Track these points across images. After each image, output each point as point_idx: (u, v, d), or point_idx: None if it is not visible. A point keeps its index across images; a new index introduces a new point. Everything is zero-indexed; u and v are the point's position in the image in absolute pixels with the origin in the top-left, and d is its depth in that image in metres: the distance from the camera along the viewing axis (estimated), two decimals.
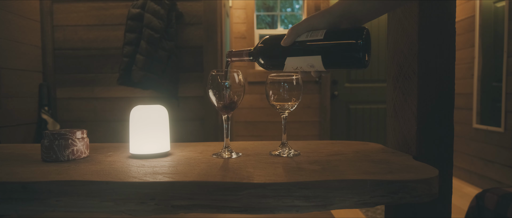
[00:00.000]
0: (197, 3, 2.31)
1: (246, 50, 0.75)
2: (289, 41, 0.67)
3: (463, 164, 3.36)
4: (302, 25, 0.66)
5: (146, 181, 0.60)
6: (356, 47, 0.60)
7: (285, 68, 0.70)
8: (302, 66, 0.67)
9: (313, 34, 0.65)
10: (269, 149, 0.87)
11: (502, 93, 2.79)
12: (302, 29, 0.66)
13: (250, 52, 0.74)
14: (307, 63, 0.66)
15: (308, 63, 0.66)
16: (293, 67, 0.69)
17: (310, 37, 0.65)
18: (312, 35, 0.65)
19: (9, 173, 0.66)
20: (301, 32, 0.66)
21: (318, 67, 0.66)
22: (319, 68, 0.66)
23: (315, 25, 0.65)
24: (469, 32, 3.21)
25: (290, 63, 0.68)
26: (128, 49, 2.14)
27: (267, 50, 0.71)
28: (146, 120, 0.80)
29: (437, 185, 0.61)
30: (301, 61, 0.66)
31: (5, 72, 2.03)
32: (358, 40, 0.60)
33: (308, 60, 0.65)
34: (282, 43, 0.67)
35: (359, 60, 0.61)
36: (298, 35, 0.67)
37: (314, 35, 0.65)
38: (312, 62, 0.65)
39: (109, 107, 2.37)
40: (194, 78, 2.34)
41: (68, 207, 0.59)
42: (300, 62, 0.67)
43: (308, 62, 0.66)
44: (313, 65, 0.65)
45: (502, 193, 1.43)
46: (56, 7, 2.33)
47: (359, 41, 0.60)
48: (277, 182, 0.58)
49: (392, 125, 0.88)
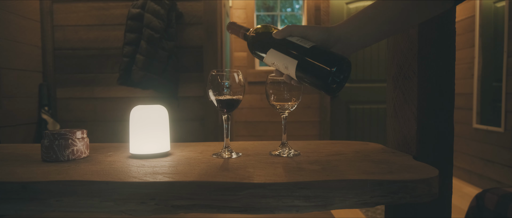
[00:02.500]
0: (197, 3, 2.31)
1: (244, 28, 0.78)
2: (280, 36, 0.69)
3: (463, 164, 3.36)
4: (299, 28, 0.68)
5: (146, 181, 0.60)
6: (327, 73, 0.62)
7: (265, 58, 0.72)
8: (279, 63, 0.69)
9: (303, 41, 0.67)
10: (269, 149, 0.87)
11: (502, 93, 2.79)
12: (297, 32, 0.68)
13: (246, 30, 0.77)
14: (283, 63, 0.68)
15: (284, 63, 0.68)
16: (271, 60, 0.71)
17: (299, 41, 0.67)
18: (302, 41, 0.67)
19: (9, 173, 0.66)
20: (294, 34, 0.68)
21: (290, 72, 0.68)
22: (291, 73, 0.68)
23: (309, 36, 0.67)
24: (469, 32, 3.21)
25: (270, 55, 0.70)
26: (128, 49, 2.14)
27: (259, 35, 0.73)
28: (146, 120, 0.80)
29: (437, 185, 0.61)
30: (280, 58, 0.68)
31: (5, 72, 2.03)
32: (333, 68, 0.61)
33: (286, 60, 0.67)
34: (274, 34, 0.70)
35: (326, 86, 0.63)
36: (290, 35, 0.69)
37: (303, 42, 0.66)
38: (287, 64, 0.67)
39: (109, 107, 2.37)
40: (194, 78, 2.34)
41: (68, 207, 0.59)
42: (278, 58, 0.69)
43: (284, 62, 0.67)
44: (287, 67, 0.67)
45: (502, 193, 1.43)
46: (56, 7, 2.33)
47: (333, 69, 0.61)
48: (277, 182, 0.58)
49: (392, 125, 0.88)
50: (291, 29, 0.68)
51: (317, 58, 0.64)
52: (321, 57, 0.64)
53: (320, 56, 0.64)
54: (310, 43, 0.66)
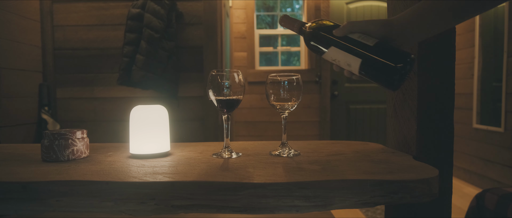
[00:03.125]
0: (197, 3, 2.31)
1: (299, 22, 0.76)
2: (342, 33, 0.68)
3: (463, 164, 3.36)
4: (359, 24, 0.67)
5: (146, 181, 0.60)
6: (395, 70, 0.62)
7: (325, 54, 0.71)
8: (341, 60, 0.69)
9: (365, 38, 0.66)
10: (269, 149, 0.87)
11: (502, 93, 2.79)
12: (357, 28, 0.67)
13: (302, 24, 0.76)
14: (346, 60, 0.67)
15: (347, 61, 0.67)
16: (332, 57, 0.70)
17: (361, 38, 0.66)
18: (364, 38, 0.66)
19: (9, 173, 0.66)
20: (355, 30, 0.67)
21: (353, 69, 0.67)
22: (353, 70, 0.67)
23: (371, 31, 0.66)
24: (469, 32, 3.21)
25: (331, 52, 0.70)
26: (128, 49, 2.14)
27: (319, 31, 0.72)
28: (146, 120, 0.80)
29: (437, 185, 0.61)
30: (342, 55, 0.68)
31: (5, 72, 2.03)
32: (400, 64, 0.61)
33: (348, 58, 0.67)
34: (335, 32, 0.69)
35: (391, 83, 0.63)
36: (351, 32, 0.68)
37: (366, 39, 0.66)
38: (351, 61, 0.67)
39: (109, 107, 2.37)
40: (194, 78, 2.34)
41: (68, 207, 0.59)
42: (340, 56, 0.68)
43: (347, 60, 0.67)
44: (350, 64, 0.67)
45: (502, 193, 1.43)
46: (56, 7, 2.33)
47: (400, 65, 0.61)
48: (277, 182, 0.58)
49: (392, 125, 0.88)
50: (352, 25, 0.67)
51: (382, 56, 0.63)
52: (386, 55, 0.63)
53: (385, 54, 0.63)
54: (373, 39, 0.65)
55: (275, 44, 4.03)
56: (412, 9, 0.65)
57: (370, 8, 3.67)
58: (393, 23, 0.66)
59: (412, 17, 0.65)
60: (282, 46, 4.08)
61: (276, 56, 4.04)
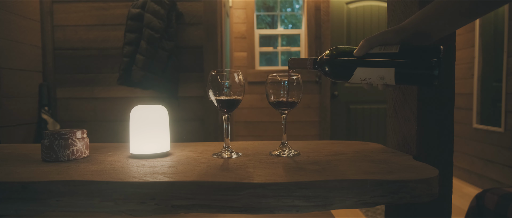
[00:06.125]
0: (197, 3, 2.31)
1: (311, 58, 0.75)
2: (362, 52, 0.67)
3: (463, 164, 3.36)
4: (376, 38, 0.66)
5: (146, 181, 0.60)
6: (432, 65, 0.61)
7: (352, 78, 0.70)
8: (372, 77, 0.68)
9: (387, 48, 0.65)
10: (269, 149, 0.87)
11: (502, 93, 2.79)
12: (375, 42, 0.67)
13: (315, 60, 0.74)
14: (377, 75, 0.66)
15: (379, 75, 0.66)
16: (361, 77, 0.69)
17: (384, 50, 0.65)
18: (386, 48, 0.65)
19: (9, 173, 0.66)
20: (374, 45, 0.67)
21: (388, 80, 0.66)
22: (389, 81, 0.66)
23: (388, 41, 0.66)
24: (469, 32, 3.21)
25: (359, 74, 0.68)
26: (128, 49, 2.14)
27: (337, 59, 0.71)
28: (146, 120, 0.80)
29: (437, 185, 0.61)
30: (372, 72, 0.67)
31: (5, 72, 2.03)
32: (434, 58, 0.61)
33: (379, 71, 0.66)
34: (355, 53, 0.68)
35: (432, 78, 0.62)
36: (371, 48, 0.67)
37: (388, 48, 0.65)
38: (383, 74, 0.66)
39: (109, 107, 2.37)
40: (194, 78, 2.34)
41: (68, 207, 0.59)
42: (370, 73, 0.67)
43: (379, 74, 0.66)
44: (383, 77, 0.66)
45: (502, 193, 1.43)
46: (56, 7, 2.33)
47: (435, 59, 0.61)
48: (277, 182, 0.58)
49: (392, 125, 0.88)
50: (369, 41, 0.67)
51: (414, 57, 0.63)
52: (417, 54, 0.63)
53: (415, 54, 0.63)
54: (395, 46, 0.65)
55: (275, 44, 4.03)
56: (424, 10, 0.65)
57: (370, 8, 3.67)
58: (406, 27, 0.66)
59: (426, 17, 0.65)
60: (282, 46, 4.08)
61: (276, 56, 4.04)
